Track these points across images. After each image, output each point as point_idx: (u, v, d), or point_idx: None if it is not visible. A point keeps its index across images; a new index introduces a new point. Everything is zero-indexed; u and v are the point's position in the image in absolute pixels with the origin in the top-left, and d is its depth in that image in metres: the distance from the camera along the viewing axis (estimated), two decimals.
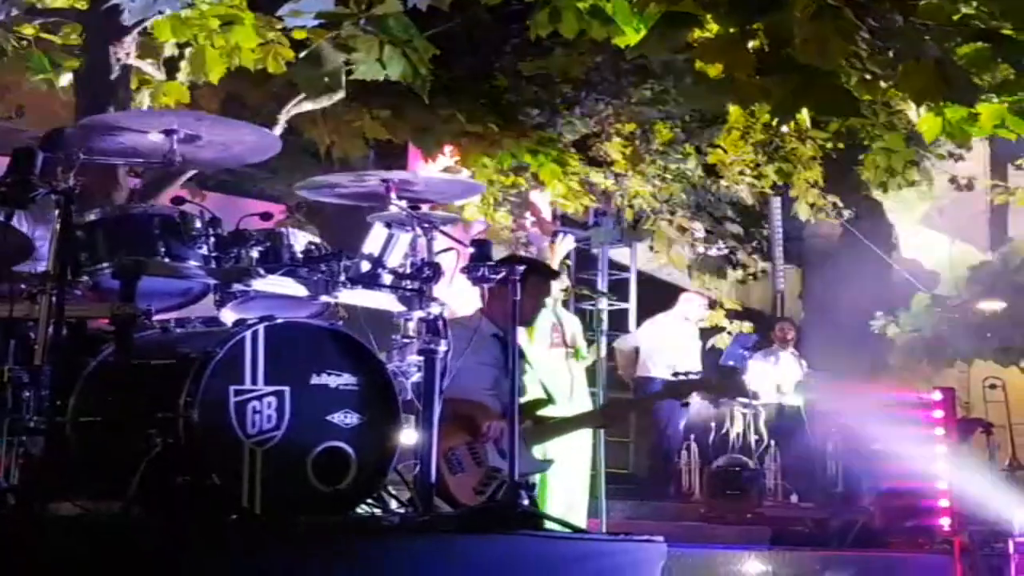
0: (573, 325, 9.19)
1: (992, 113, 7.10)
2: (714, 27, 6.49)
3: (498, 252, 10.78)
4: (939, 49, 6.35)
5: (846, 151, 13.69)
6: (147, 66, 8.03)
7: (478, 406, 6.31)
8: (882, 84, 7.48)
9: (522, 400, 6.65)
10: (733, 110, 6.82)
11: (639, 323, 13.39)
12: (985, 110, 7.09)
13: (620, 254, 14.27)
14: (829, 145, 13.09)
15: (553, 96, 10.76)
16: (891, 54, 6.99)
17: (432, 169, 10.42)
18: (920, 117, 7.40)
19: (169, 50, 8.00)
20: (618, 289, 12.87)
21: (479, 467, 6.27)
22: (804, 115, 6.73)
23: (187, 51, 7.85)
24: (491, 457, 6.28)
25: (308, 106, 7.98)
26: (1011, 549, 11.40)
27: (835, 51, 6.19)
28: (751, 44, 6.30)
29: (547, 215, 12.22)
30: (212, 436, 4.62)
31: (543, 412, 6.82)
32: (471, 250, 5.72)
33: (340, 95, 7.08)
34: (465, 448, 6.31)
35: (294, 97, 7.84)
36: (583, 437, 8.77)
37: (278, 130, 7.77)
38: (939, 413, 11.69)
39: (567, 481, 8.43)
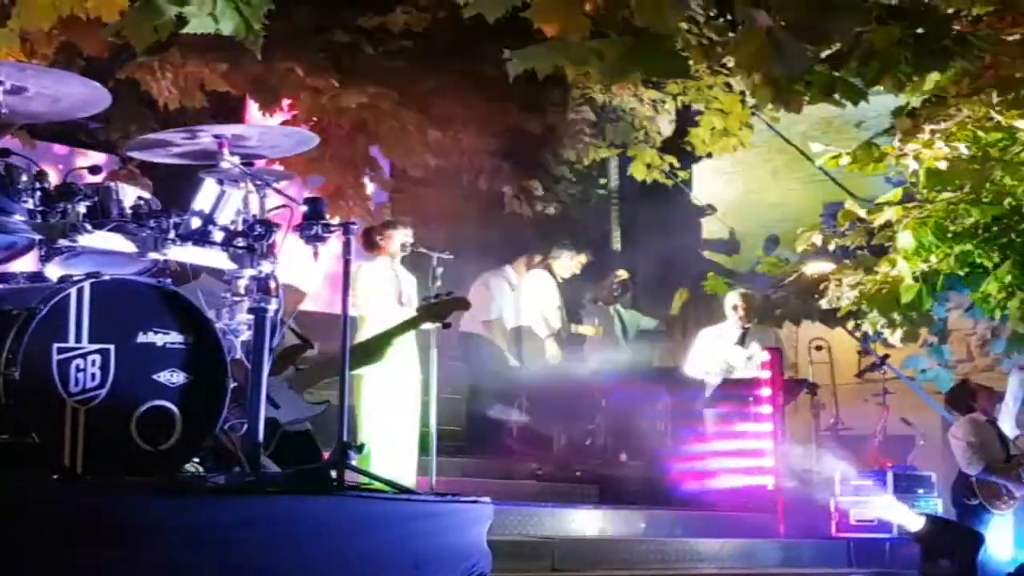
0: (410, 283, 9.21)
1: (823, 81, 7.22)
2: None
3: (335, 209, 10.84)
4: (770, 18, 6.45)
5: (684, 112, 13.86)
6: None
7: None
8: (718, 50, 7.57)
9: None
10: (569, 70, 6.86)
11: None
12: (817, 78, 7.20)
13: None
14: (667, 106, 13.23)
15: (395, 51, 10.72)
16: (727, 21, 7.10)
17: (269, 122, 10.34)
18: (754, 83, 7.48)
19: None
20: None
21: None
22: (636, 78, 6.79)
23: None
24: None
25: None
26: (832, 508, 11.75)
27: (670, 16, 6.25)
28: (587, 6, 6.35)
29: (386, 170, 12.20)
30: (33, 394, 4.58)
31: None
32: (304, 208, 5.71)
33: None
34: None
35: (130, 47, 7.69)
36: (412, 394, 8.79)
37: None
38: (766, 373, 11.94)
39: (394, 438, 8.48)
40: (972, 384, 12.47)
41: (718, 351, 12.23)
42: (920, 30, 6.75)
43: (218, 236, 5.41)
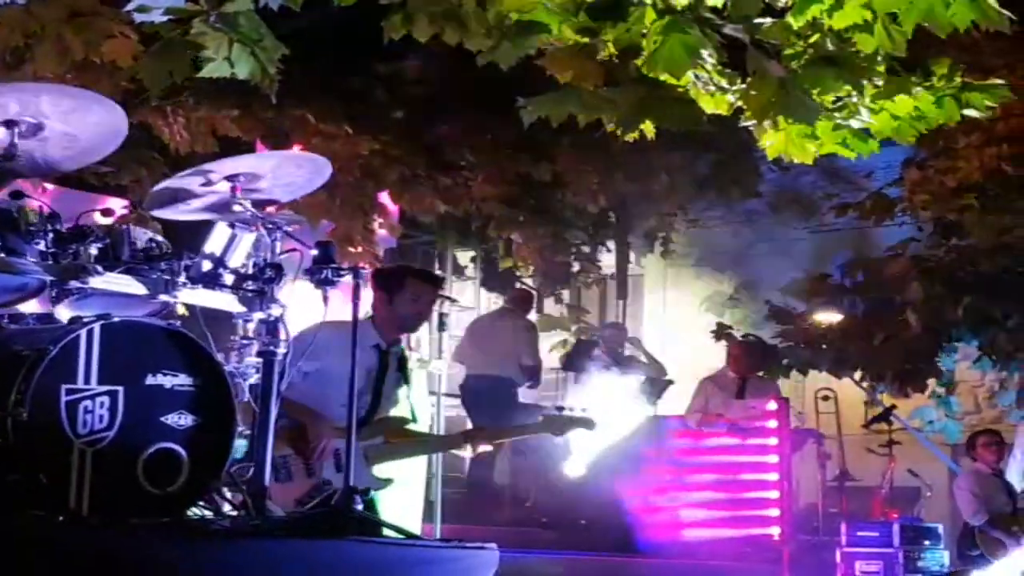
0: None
1: (832, 131, 7.23)
2: (565, 36, 6.53)
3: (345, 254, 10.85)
4: (782, 69, 6.47)
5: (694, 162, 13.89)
6: None
7: (314, 416, 6.21)
8: (729, 99, 7.58)
9: (389, 414, 6.60)
10: (580, 118, 6.88)
11: None
12: (826, 128, 7.21)
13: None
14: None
15: (406, 99, 10.78)
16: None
17: None
18: (763, 134, 7.49)
19: (14, 41, 7.80)
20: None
21: (309, 478, 6.18)
22: (649, 127, 6.80)
23: (33, 43, 7.68)
24: (325, 470, 6.20)
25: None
26: (838, 559, 11.68)
27: (681, 66, 6.28)
28: (600, 55, 6.38)
29: (395, 217, 12.23)
30: (41, 435, 4.55)
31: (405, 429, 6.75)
32: (315, 252, 5.70)
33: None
34: (299, 457, 6.23)
35: (142, 92, 7.72)
36: None
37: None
38: (773, 423, 11.90)
39: (399, 486, 8.44)
40: (977, 434, 12.47)
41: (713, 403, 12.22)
42: (930, 82, 6.77)
43: (228, 279, 5.40)
